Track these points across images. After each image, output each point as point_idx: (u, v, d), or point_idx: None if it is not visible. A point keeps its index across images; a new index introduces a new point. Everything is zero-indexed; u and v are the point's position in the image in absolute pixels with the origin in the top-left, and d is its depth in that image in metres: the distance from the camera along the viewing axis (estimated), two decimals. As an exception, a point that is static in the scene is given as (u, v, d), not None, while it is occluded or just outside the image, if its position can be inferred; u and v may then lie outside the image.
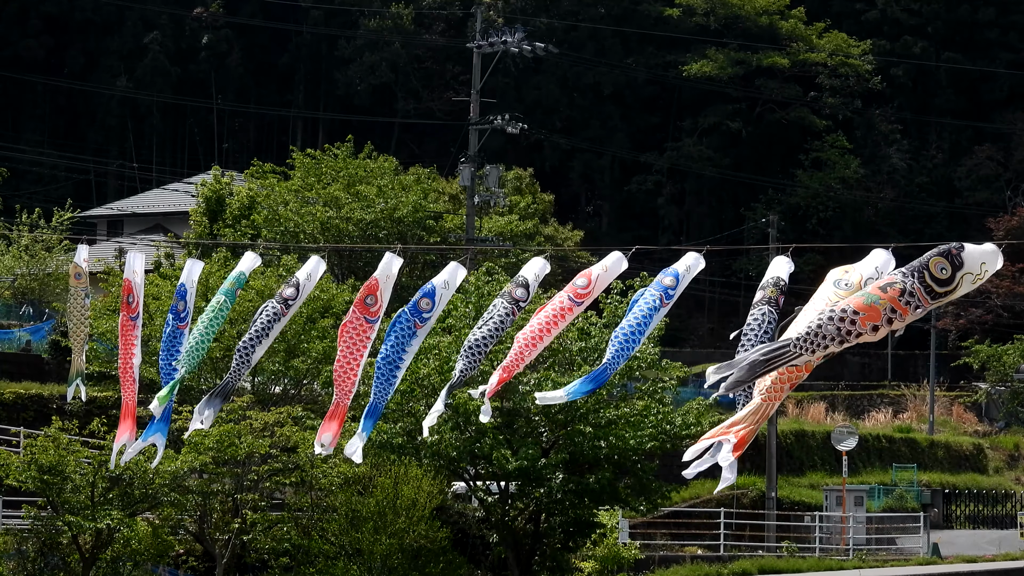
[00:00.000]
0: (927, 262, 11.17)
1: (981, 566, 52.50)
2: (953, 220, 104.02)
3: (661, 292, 14.09)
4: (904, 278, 11.07)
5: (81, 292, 18.24)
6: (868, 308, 10.90)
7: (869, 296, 10.96)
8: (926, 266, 11.14)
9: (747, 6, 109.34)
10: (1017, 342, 78.54)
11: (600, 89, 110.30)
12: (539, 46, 61.48)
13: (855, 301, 10.97)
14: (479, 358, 14.91)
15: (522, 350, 14.35)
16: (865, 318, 10.90)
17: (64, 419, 35.17)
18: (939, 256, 11.19)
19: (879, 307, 10.92)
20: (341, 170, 60.71)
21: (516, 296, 15.04)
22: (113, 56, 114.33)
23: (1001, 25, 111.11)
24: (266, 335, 15.98)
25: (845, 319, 10.90)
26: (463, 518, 41.94)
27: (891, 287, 11.01)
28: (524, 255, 51.00)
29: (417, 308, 15.43)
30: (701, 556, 50.07)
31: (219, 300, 16.55)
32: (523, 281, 15.15)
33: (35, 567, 33.92)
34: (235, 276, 16.90)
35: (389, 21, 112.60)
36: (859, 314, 10.90)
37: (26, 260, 65.44)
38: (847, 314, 10.92)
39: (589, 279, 14.65)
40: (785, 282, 13.18)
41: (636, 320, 13.94)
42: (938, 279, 11.16)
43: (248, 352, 15.95)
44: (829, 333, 10.89)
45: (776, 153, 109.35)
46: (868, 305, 10.92)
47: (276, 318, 16.03)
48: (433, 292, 15.53)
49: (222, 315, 16.50)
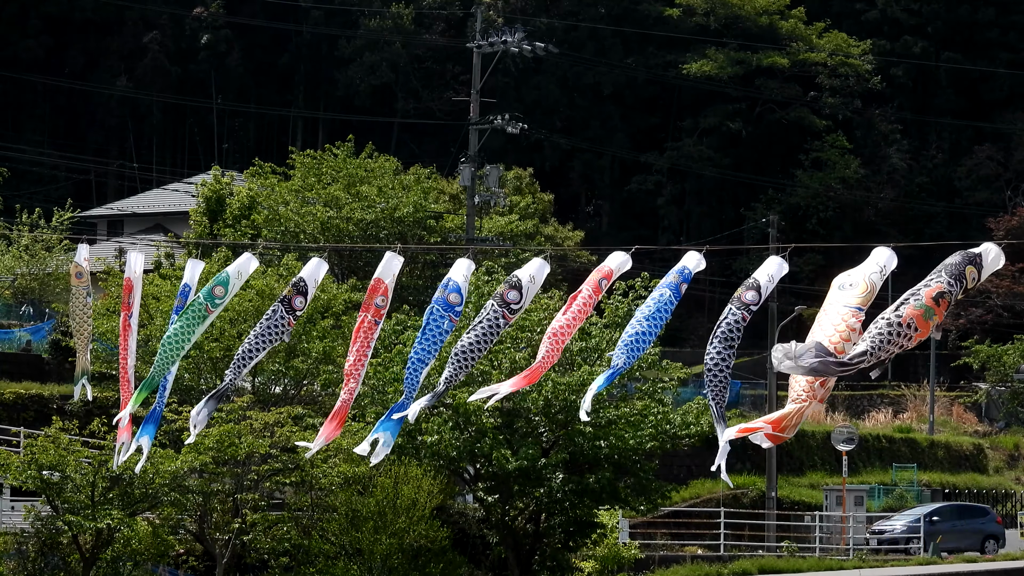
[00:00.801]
0: (963, 271, 11.46)
1: (981, 566, 52.50)
2: (953, 220, 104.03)
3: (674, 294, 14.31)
4: (950, 286, 11.37)
5: (83, 291, 18.21)
6: (924, 324, 11.39)
7: (927, 311, 11.25)
8: (963, 275, 11.44)
9: (747, 6, 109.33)
10: (1017, 342, 78.51)
11: (600, 89, 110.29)
12: (539, 46, 61.48)
13: (914, 313, 11.27)
14: (467, 364, 14.68)
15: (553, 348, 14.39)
16: (919, 335, 11.43)
17: (64, 419, 35.18)
18: (971, 265, 11.50)
19: (931, 323, 11.44)
20: (341, 170, 60.70)
21: (508, 299, 14.80)
22: (113, 56, 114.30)
23: (1001, 25, 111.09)
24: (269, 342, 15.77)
25: (902, 333, 11.35)
26: (463, 518, 41.97)
27: (942, 298, 11.35)
28: (524, 255, 50.99)
29: (446, 303, 15.29)
30: (701, 556, 50.06)
31: (197, 301, 16.19)
32: (515, 282, 14.90)
33: (35, 567, 33.92)
34: (218, 278, 16.45)
35: (389, 21, 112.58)
36: (918, 331, 11.39)
37: (26, 260, 65.44)
38: (909, 331, 11.37)
39: (609, 278, 14.86)
40: (758, 283, 13.40)
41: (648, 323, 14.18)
42: (968, 287, 11.71)
43: (249, 357, 15.72)
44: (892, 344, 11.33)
45: (776, 153, 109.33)
46: (925, 321, 11.39)
47: (279, 326, 15.77)
48: (457, 286, 15.40)
49: (198, 317, 16.14)
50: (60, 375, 48.47)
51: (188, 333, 16.08)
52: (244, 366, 15.78)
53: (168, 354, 16.04)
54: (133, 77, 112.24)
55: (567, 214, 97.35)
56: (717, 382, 13.30)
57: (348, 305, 43.03)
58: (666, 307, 14.25)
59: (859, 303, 11.83)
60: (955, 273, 11.46)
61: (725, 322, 13.32)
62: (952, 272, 11.47)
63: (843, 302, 11.89)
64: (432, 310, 15.22)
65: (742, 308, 13.30)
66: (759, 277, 13.55)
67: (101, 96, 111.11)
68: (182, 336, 16.03)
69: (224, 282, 16.17)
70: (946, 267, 11.51)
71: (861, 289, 11.93)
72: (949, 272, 11.48)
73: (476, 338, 14.73)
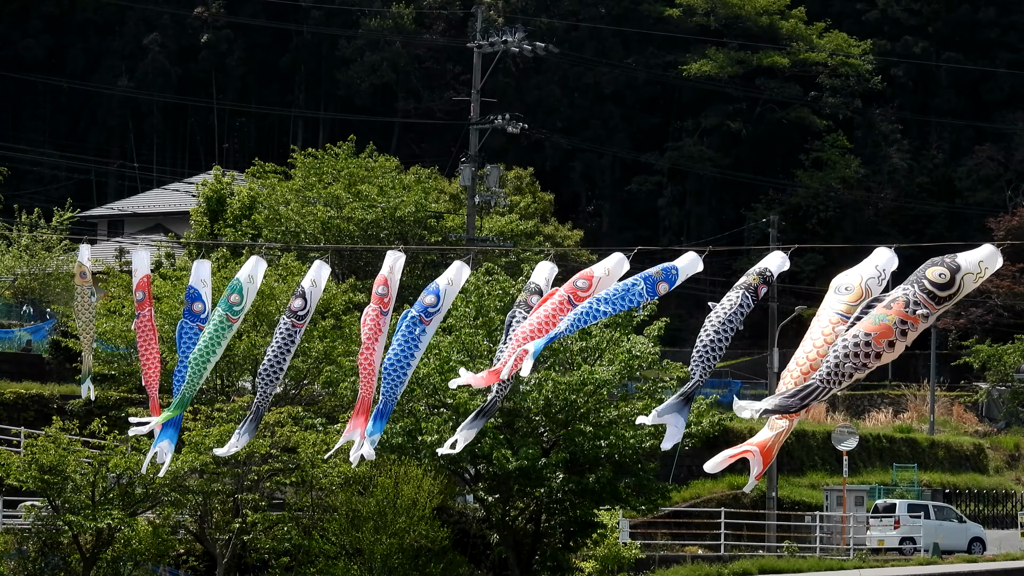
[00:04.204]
0: (924, 272, 11.36)
1: (981, 566, 52.53)
2: (953, 220, 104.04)
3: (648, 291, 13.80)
4: (904, 290, 11.23)
5: (87, 291, 18.19)
6: (878, 327, 11.08)
7: (876, 316, 11.11)
8: (924, 275, 11.32)
9: (747, 6, 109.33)
10: (1017, 342, 78.52)
11: (600, 89, 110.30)
12: (539, 46, 61.48)
13: (864, 325, 11.11)
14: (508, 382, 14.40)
15: (516, 348, 13.95)
16: (878, 337, 11.08)
17: (65, 419, 35.19)
18: (935, 265, 11.36)
19: (888, 323, 11.10)
20: (342, 170, 60.70)
21: (532, 304, 14.68)
22: (114, 56, 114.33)
23: (1001, 25, 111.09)
24: (287, 353, 15.76)
25: (859, 345, 11.07)
26: (463, 518, 41.98)
27: (895, 302, 11.18)
28: (524, 255, 50.99)
29: (423, 307, 15.30)
30: (701, 556, 50.07)
31: (218, 313, 16.16)
32: (536, 288, 14.86)
33: (36, 567, 33.93)
34: (232, 286, 16.42)
35: (390, 21, 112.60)
36: (871, 335, 11.07)
37: (26, 260, 65.45)
38: (860, 339, 11.09)
39: (590, 281, 14.28)
40: (772, 274, 13.17)
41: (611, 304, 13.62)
42: (938, 284, 11.34)
43: (273, 375, 15.72)
44: (851, 364, 11.08)
45: (776, 153, 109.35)
46: (877, 325, 11.09)
47: (292, 336, 15.79)
48: (438, 290, 15.38)
49: (223, 328, 16.14)
50: (60, 375, 48.47)
51: (215, 346, 16.09)
52: (271, 383, 15.75)
53: (198, 369, 16.04)
54: (134, 77, 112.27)
55: (567, 214, 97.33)
56: (709, 357, 12.54)
57: (348, 305, 43.05)
58: (633, 295, 13.61)
59: (846, 310, 11.76)
60: (912, 278, 11.37)
61: (730, 302, 12.87)
62: (910, 278, 11.39)
63: (835, 308, 11.82)
64: (406, 312, 15.18)
65: (751, 294, 13.02)
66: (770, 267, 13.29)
67: (102, 96, 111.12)
68: (209, 350, 16.05)
69: (239, 289, 16.20)
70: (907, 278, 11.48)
71: (853, 296, 11.89)
72: (908, 279, 11.42)
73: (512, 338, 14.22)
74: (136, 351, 22.17)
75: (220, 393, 39.64)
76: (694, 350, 12.65)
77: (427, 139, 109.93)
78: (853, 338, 11.09)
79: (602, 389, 38.38)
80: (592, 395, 38.16)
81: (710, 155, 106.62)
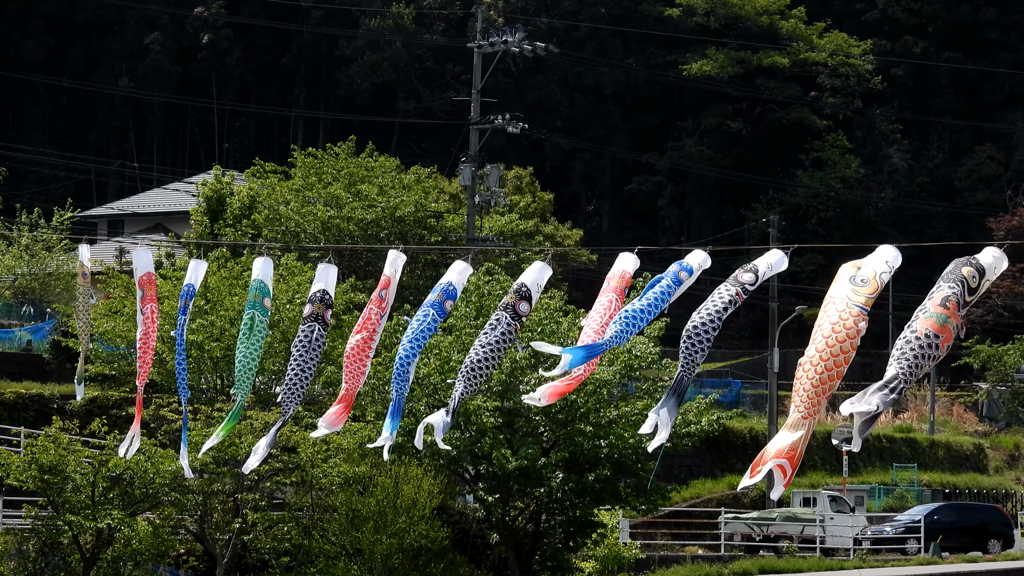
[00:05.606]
0: (961, 272, 11.54)
1: (981, 566, 52.50)
2: (953, 220, 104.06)
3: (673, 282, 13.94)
4: (951, 289, 11.44)
5: (88, 291, 18.18)
6: (942, 329, 11.45)
7: (939, 316, 11.46)
8: (963, 276, 11.52)
9: (747, 6, 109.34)
10: (1018, 342, 78.51)
11: (600, 89, 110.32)
12: (539, 46, 61.49)
13: (931, 325, 11.48)
14: (480, 381, 14.28)
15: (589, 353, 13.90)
16: (944, 340, 11.47)
17: (65, 419, 35.19)
18: (967, 267, 11.53)
19: (949, 326, 11.47)
20: (342, 169, 60.70)
21: (520, 310, 14.43)
22: (114, 56, 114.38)
23: (1001, 25, 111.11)
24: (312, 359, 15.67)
25: (931, 345, 11.42)
26: (463, 518, 41.98)
27: (948, 301, 11.40)
28: (524, 255, 50.98)
29: (443, 309, 15.16)
30: (701, 556, 50.07)
31: (250, 316, 16.02)
32: (526, 292, 14.56)
33: (36, 567, 33.93)
34: (257, 287, 16.25)
35: (390, 21, 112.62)
36: (939, 337, 11.44)
37: (26, 260, 65.46)
38: (931, 340, 11.42)
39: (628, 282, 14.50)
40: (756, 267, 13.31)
41: (647, 303, 13.69)
42: (971, 288, 11.70)
43: (299, 385, 15.53)
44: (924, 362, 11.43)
45: (776, 153, 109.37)
46: (942, 326, 11.45)
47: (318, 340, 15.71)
48: (455, 292, 15.22)
49: (260, 330, 16.08)
50: (60, 375, 48.47)
51: (257, 350, 16.07)
52: (298, 392, 15.61)
53: (245, 376, 16.00)
54: (134, 77, 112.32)
55: (567, 214, 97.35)
56: (695, 351, 12.67)
57: (348, 305, 43.04)
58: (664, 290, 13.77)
59: (864, 303, 11.84)
60: (953, 278, 11.54)
61: (718, 295, 13.00)
62: (950, 278, 11.55)
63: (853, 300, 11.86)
64: (424, 313, 15.04)
65: (737, 285, 13.09)
66: (758, 263, 13.42)
67: (102, 96, 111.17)
68: (253, 355, 16.01)
69: (265, 291, 16.19)
70: (944, 276, 11.64)
71: (871, 288, 11.93)
72: (947, 279, 11.58)
73: (488, 353, 14.10)
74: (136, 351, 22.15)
75: (220, 393, 39.65)
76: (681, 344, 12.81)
77: (427, 139, 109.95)
78: (926, 339, 11.40)
79: (602, 389, 38.39)
80: (592, 395, 38.17)
81: (710, 155, 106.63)
